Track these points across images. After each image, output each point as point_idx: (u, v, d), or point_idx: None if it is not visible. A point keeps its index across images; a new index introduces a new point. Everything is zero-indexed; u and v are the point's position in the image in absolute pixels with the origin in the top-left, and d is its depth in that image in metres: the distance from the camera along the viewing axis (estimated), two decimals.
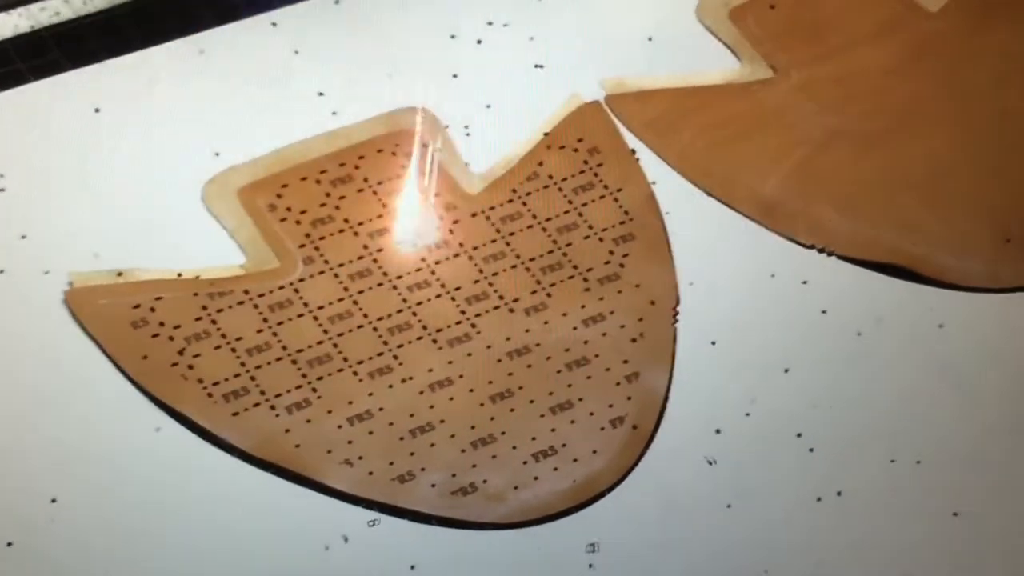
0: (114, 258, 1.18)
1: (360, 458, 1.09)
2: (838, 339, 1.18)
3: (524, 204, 1.24)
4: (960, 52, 1.37)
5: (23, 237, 1.19)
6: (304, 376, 1.13)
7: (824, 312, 1.19)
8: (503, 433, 1.11)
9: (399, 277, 1.19)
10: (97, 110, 1.27)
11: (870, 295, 1.21)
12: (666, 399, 1.14)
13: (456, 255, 1.20)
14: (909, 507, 1.09)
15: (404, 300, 1.17)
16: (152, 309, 1.15)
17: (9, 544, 1.03)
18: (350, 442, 1.10)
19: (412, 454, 1.10)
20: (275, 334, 1.15)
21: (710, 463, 1.10)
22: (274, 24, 1.35)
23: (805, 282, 1.21)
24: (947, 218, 1.26)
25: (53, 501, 1.05)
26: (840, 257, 1.22)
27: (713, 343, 1.17)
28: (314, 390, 1.12)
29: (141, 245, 1.19)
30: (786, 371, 1.16)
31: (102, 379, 1.12)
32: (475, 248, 1.21)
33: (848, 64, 1.35)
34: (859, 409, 1.14)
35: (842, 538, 1.08)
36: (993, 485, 1.11)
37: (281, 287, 1.17)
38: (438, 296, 1.18)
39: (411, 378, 1.13)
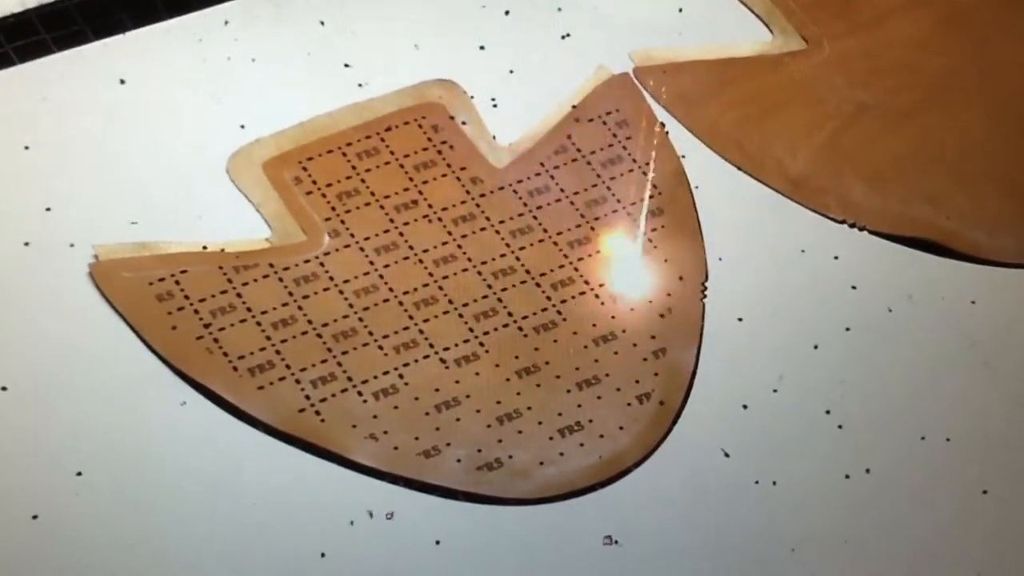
0: (139, 231, 1.18)
1: (385, 433, 1.08)
2: (868, 315, 1.17)
3: (552, 178, 1.23)
4: (993, 25, 1.36)
5: (48, 209, 1.18)
6: (329, 350, 1.12)
7: (854, 288, 1.18)
8: (529, 408, 1.10)
9: (425, 251, 1.18)
10: (122, 81, 1.27)
11: (901, 271, 1.19)
12: (694, 375, 1.13)
13: (483, 229, 1.20)
14: (938, 485, 1.08)
15: (430, 274, 1.17)
16: (177, 282, 1.14)
17: (34, 517, 1.03)
18: (375, 417, 1.09)
19: (437, 429, 1.09)
20: (300, 308, 1.14)
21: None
22: None
23: (836, 257, 1.20)
24: (979, 193, 1.25)
25: (78, 475, 1.05)
26: (871, 232, 1.21)
27: (741, 319, 1.16)
28: (339, 364, 1.11)
29: (166, 218, 1.19)
30: (815, 347, 1.15)
31: (127, 353, 1.11)
32: (502, 222, 1.20)
33: (880, 36, 1.34)
34: (889, 386, 1.13)
35: (870, 516, 1.07)
36: (1022, 463, 1.10)
37: (307, 261, 1.17)
38: (464, 270, 1.17)
39: (437, 352, 1.13)
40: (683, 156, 1.25)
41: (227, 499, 1.05)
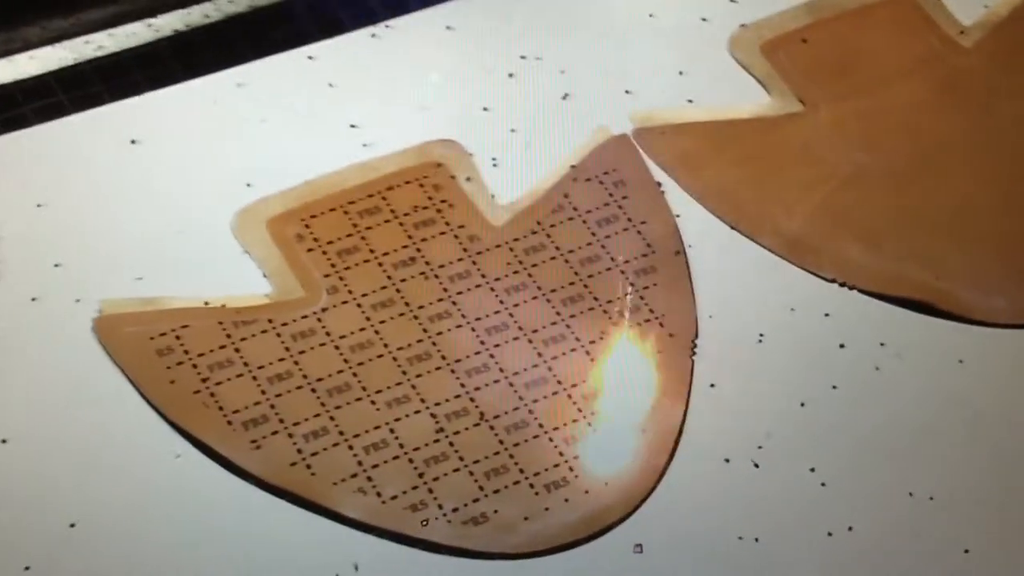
0: (144, 286, 1.20)
1: (374, 486, 1.10)
2: (856, 373, 1.18)
3: (548, 236, 1.25)
4: (992, 89, 1.37)
5: (56, 265, 1.21)
6: (323, 405, 1.14)
7: (843, 346, 1.19)
8: (515, 463, 1.12)
9: (421, 307, 1.20)
10: (134, 141, 1.30)
11: (890, 330, 1.20)
12: (680, 431, 1.14)
13: (478, 286, 1.22)
14: (920, 543, 1.09)
15: (425, 330, 1.19)
16: (178, 337, 1.17)
17: (27, 568, 1.05)
18: (364, 471, 1.11)
19: (425, 483, 1.11)
20: (296, 363, 1.16)
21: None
22: (311, 58, 1.38)
23: (827, 315, 1.21)
24: (974, 254, 1.25)
25: (72, 526, 1.07)
26: (862, 291, 1.22)
27: (730, 376, 1.17)
28: (331, 419, 1.14)
29: (171, 274, 1.21)
30: (802, 405, 1.16)
31: (126, 406, 1.13)
32: (497, 279, 1.22)
33: (878, 100, 1.35)
34: (874, 444, 1.14)
35: (852, 574, 1.07)
36: (1005, 523, 1.10)
37: (304, 316, 1.19)
38: (458, 327, 1.19)
39: (428, 408, 1.15)
40: (678, 216, 1.27)
41: (217, 551, 1.07)
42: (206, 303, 1.20)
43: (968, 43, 1.40)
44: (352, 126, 1.32)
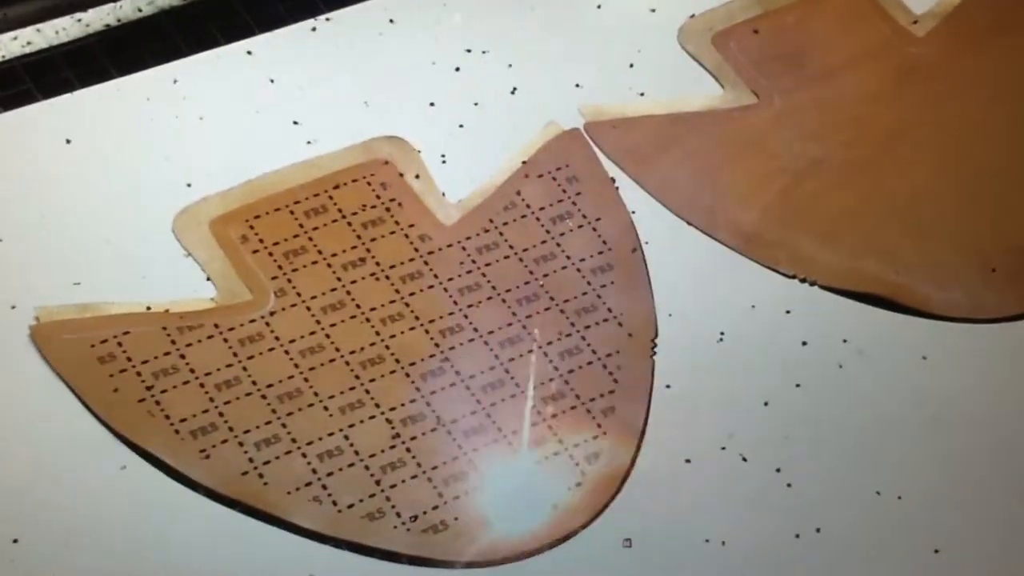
0: (82, 292, 1.16)
1: (329, 495, 1.07)
2: (819, 371, 1.16)
3: (500, 234, 1.22)
4: (947, 79, 1.36)
5: None
6: (273, 411, 1.11)
7: (805, 344, 1.17)
8: (475, 469, 1.09)
9: (372, 309, 1.17)
10: (68, 141, 1.26)
11: (852, 326, 1.18)
12: (643, 434, 1.12)
13: (431, 287, 1.19)
14: (889, 543, 1.07)
15: (377, 333, 1.15)
16: (119, 344, 1.13)
17: None
18: (319, 479, 1.07)
19: (382, 491, 1.07)
20: (245, 368, 1.13)
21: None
22: (249, 52, 1.34)
23: (788, 312, 1.19)
24: (931, 247, 1.24)
25: (15, 542, 1.03)
26: (822, 287, 1.20)
27: (691, 376, 1.15)
28: (283, 426, 1.10)
29: (110, 278, 1.17)
30: (766, 404, 1.13)
31: (67, 416, 1.09)
32: (450, 279, 1.19)
33: (832, 90, 1.34)
34: (840, 443, 1.12)
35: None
36: (974, 521, 1.08)
37: (252, 320, 1.15)
38: (412, 329, 1.16)
39: (383, 413, 1.11)
40: (633, 212, 1.24)
41: (166, 566, 1.03)
42: (148, 308, 1.16)
43: (921, 32, 1.39)
44: (295, 123, 1.29)
